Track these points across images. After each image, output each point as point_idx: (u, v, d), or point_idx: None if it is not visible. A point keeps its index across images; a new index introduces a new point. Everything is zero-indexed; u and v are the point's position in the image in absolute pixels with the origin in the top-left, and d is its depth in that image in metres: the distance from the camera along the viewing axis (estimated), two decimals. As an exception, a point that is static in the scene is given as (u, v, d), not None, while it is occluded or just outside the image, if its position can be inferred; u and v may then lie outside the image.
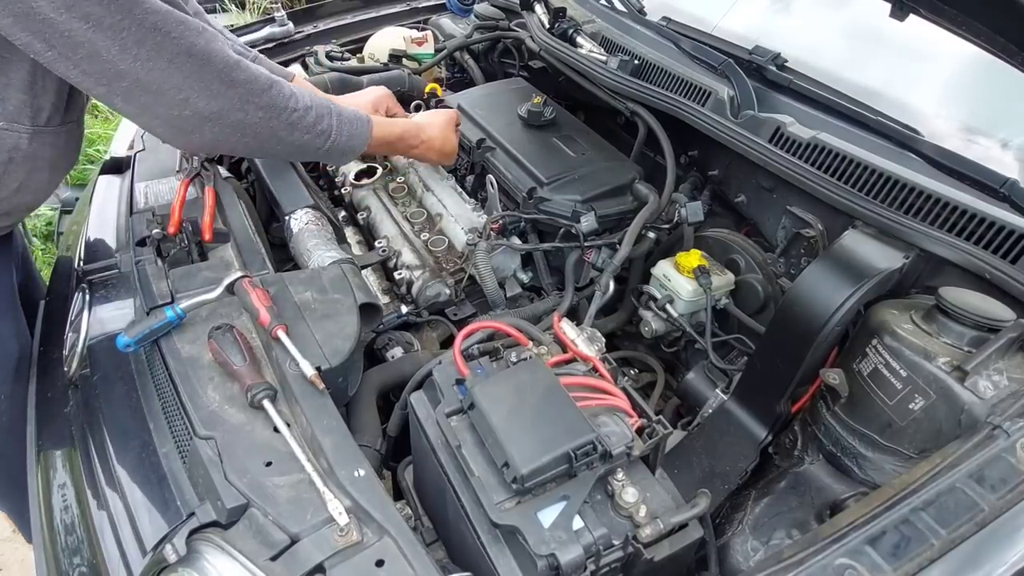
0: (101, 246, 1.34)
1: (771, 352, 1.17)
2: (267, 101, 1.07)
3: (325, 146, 1.20)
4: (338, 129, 1.20)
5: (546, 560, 0.74)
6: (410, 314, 1.37)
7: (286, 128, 1.12)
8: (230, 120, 1.04)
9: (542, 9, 1.84)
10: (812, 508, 1.07)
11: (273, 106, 1.08)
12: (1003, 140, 1.28)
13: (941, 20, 1.02)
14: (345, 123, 1.22)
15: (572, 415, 0.81)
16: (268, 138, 1.11)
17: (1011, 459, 0.81)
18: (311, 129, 1.16)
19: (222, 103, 1.02)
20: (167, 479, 0.91)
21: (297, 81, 1.51)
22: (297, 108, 1.12)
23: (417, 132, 1.43)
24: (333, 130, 1.19)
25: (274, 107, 1.08)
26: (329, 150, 1.21)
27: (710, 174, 1.53)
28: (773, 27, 1.66)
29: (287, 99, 1.11)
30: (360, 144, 1.27)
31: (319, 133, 1.17)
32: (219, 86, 1.01)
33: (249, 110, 1.05)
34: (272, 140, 1.12)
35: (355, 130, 1.24)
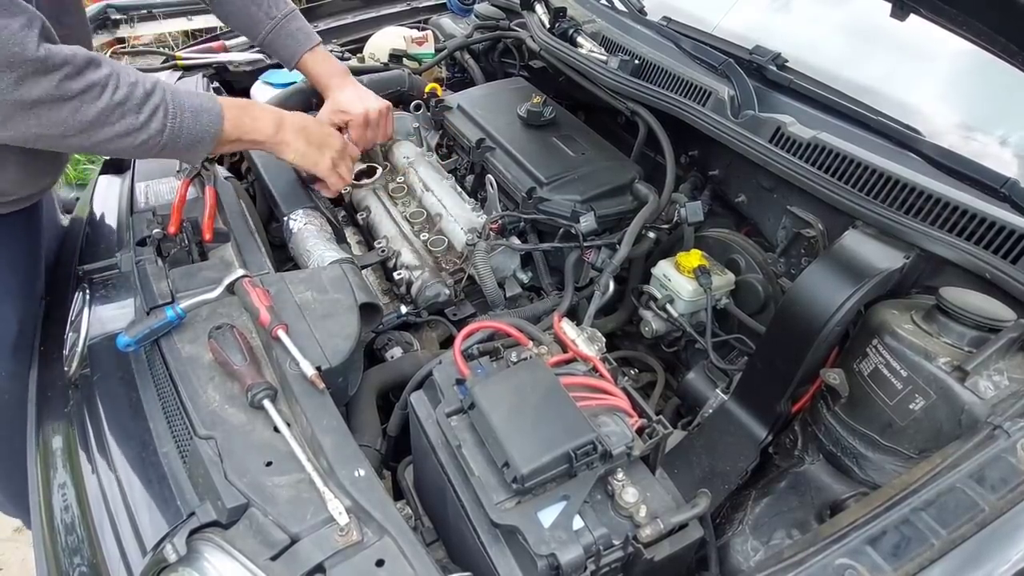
0: (101, 246, 1.34)
1: (771, 352, 1.17)
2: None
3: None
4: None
5: (546, 560, 0.74)
6: (410, 314, 1.37)
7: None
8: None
9: (542, 9, 1.84)
10: (812, 508, 1.07)
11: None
12: (1003, 139, 1.28)
13: (941, 20, 1.02)
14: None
15: (572, 415, 0.81)
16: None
17: (1011, 459, 0.81)
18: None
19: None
20: (167, 479, 0.91)
21: (318, 54, 1.50)
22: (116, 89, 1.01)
23: (276, 126, 1.26)
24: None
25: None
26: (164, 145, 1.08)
27: (710, 174, 1.53)
28: (773, 27, 1.67)
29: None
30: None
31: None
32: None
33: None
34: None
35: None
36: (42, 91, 0.94)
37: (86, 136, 1.01)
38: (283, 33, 1.46)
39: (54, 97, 0.95)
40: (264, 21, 1.44)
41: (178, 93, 1.10)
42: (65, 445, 1.07)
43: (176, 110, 1.08)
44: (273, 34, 1.46)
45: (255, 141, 1.25)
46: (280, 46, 1.48)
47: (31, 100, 0.93)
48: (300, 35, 1.49)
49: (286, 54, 1.50)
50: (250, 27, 1.47)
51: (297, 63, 1.50)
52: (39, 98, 0.94)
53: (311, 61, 1.50)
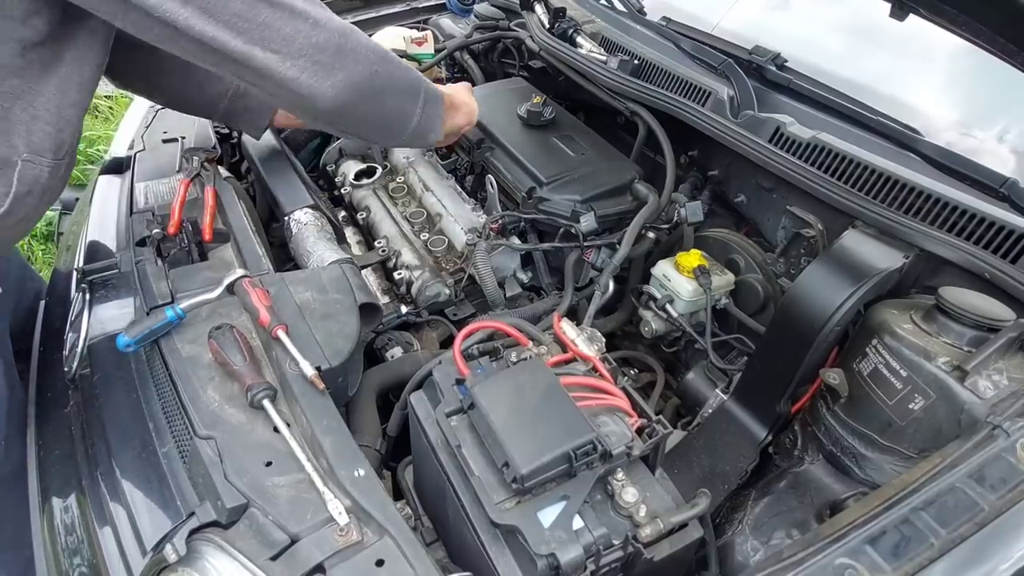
0: (101, 246, 1.34)
1: (771, 352, 1.17)
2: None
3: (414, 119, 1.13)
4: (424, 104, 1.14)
5: (546, 560, 0.74)
6: (410, 314, 1.37)
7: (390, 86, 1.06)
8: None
9: (542, 9, 1.83)
10: (812, 508, 1.07)
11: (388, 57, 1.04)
12: (1002, 138, 1.28)
13: (941, 20, 1.02)
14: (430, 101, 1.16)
15: (572, 415, 0.81)
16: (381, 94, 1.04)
17: (1011, 459, 0.81)
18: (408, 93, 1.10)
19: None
20: (167, 479, 0.91)
21: None
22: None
23: (450, 100, 1.32)
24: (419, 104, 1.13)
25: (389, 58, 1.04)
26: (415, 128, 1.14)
27: (710, 174, 1.53)
28: (773, 26, 1.66)
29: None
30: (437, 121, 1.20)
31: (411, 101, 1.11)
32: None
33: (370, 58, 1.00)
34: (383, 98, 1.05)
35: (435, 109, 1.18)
36: (356, 40, 0.98)
37: (382, 92, 1.04)
38: (248, 95, 1.34)
39: (364, 45, 0.99)
40: (221, 92, 1.32)
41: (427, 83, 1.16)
42: (65, 446, 1.07)
43: (427, 92, 1.14)
44: (235, 98, 1.34)
45: (453, 130, 1.39)
46: (248, 104, 1.35)
47: (352, 46, 0.97)
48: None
49: (258, 112, 1.38)
50: (207, 104, 1.35)
51: (272, 118, 1.40)
52: (357, 44, 0.97)
53: None
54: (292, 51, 0.91)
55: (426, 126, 1.16)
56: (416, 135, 1.16)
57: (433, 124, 1.19)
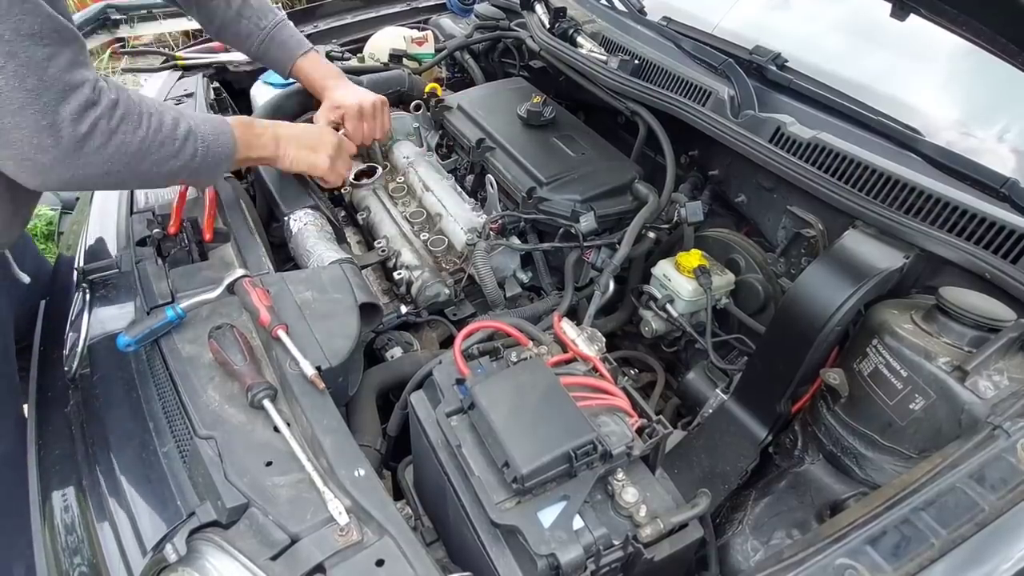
0: (101, 246, 1.34)
1: (771, 352, 1.17)
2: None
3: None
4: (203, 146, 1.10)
5: (546, 560, 0.74)
6: (410, 314, 1.37)
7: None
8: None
9: (542, 9, 1.84)
10: (812, 508, 1.07)
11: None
12: (1003, 138, 1.28)
13: (941, 20, 1.02)
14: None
15: (572, 415, 0.81)
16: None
17: (1011, 459, 0.81)
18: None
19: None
20: (167, 479, 0.91)
21: (311, 58, 1.52)
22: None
23: (274, 143, 1.29)
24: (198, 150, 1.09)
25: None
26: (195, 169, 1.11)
27: (710, 174, 1.53)
28: (773, 26, 1.66)
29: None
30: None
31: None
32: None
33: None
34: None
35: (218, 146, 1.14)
36: (90, 124, 0.93)
37: (129, 169, 1.00)
38: (275, 42, 1.48)
39: (102, 130, 0.95)
40: (255, 32, 1.46)
41: (195, 117, 1.11)
42: (65, 446, 1.07)
43: (201, 135, 1.10)
44: (265, 44, 1.47)
45: (261, 158, 1.29)
46: (273, 55, 1.50)
47: (82, 135, 0.92)
48: (292, 42, 1.50)
49: (279, 62, 1.51)
50: (241, 40, 1.48)
51: (291, 69, 1.51)
52: (88, 132, 0.93)
53: (305, 66, 1.51)
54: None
55: (203, 172, 1.13)
56: (190, 177, 1.14)
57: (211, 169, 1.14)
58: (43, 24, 0.87)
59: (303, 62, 1.51)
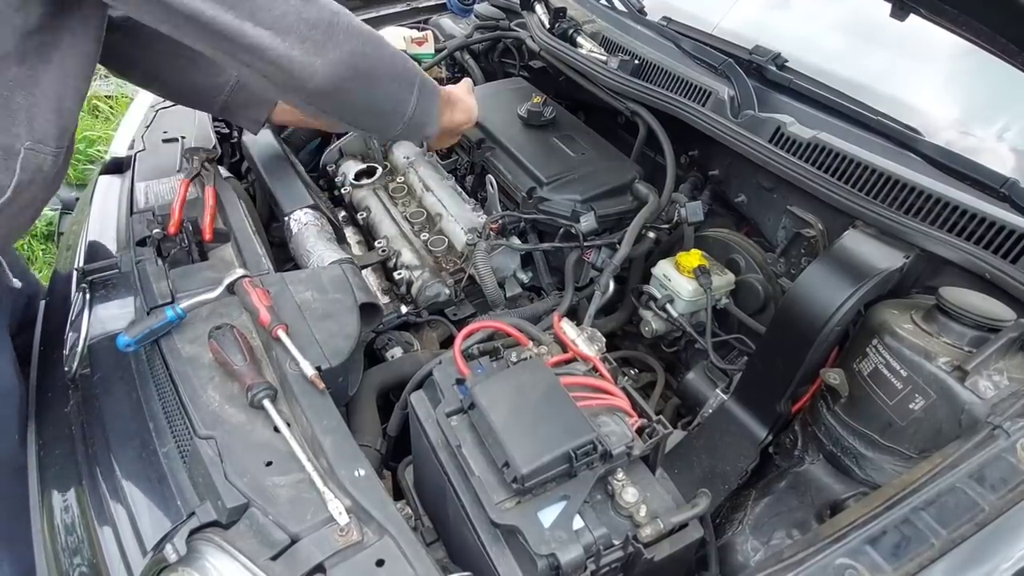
0: (101, 246, 1.34)
1: (771, 352, 1.17)
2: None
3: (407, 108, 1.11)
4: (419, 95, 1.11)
5: (546, 560, 0.74)
6: (410, 314, 1.37)
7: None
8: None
9: (542, 9, 1.83)
10: (812, 508, 1.07)
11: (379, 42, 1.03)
12: (1003, 138, 1.28)
13: (941, 20, 1.02)
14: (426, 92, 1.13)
15: (572, 415, 0.81)
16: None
17: (1011, 459, 0.81)
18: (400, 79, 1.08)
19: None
20: (167, 479, 0.91)
21: None
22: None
23: (448, 95, 1.31)
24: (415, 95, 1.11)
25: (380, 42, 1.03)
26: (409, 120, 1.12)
27: (710, 174, 1.53)
28: (773, 26, 1.66)
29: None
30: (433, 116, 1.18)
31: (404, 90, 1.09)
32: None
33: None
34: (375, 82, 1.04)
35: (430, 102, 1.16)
36: (348, 20, 0.97)
37: (374, 73, 1.02)
38: (244, 91, 1.34)
39: (355, 25, 0.98)
40: (221, 85, 1.31)
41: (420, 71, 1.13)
42: (65, 446, 1.07)
43: (423, 81, 1.12)
44: (235, 87, 1.32)
45: (453, 127, 1.35)
46: (243, 101, 1.35)
47: (337, 12, 0.96)
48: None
49: (252, 111, 1.37)
50: (209, 90, 1.32)
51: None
52: (349, 24, 0.97)
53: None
54: (283, 27, 0.90)
55: (422, 117, 1.14)
56: (412, 126, 1.14)
57: (430, 115, 1.17)
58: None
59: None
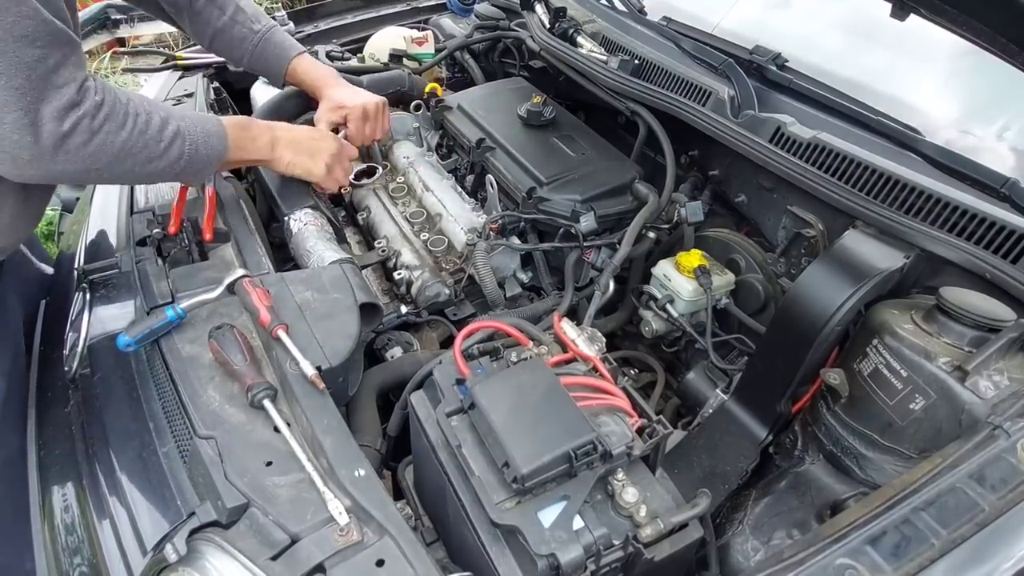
0: (102, 246, 1.34)
1: (771, 352, 1.17)
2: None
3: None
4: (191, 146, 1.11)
5: (546, 560, 0.74)
6: (410, 314, 1.37)
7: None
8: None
9: (542, 9, 1.84)
10: (812, 508, 1.07)
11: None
12: (1003, 137, 1.28)
13: (942, 20, 1.02)
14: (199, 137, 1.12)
15: (572, 415, 0.81)
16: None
17: (1011, 459, 0.81)
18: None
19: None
20: (167, 479, 0.91)
21: (307, 59, 1.52)
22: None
23: (269, 145, 1.29)
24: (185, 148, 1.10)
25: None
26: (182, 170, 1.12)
27: (710, 174, 1.53)
28: (773, 26, 1.66)
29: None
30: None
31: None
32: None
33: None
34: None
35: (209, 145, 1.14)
36: (72, 124, 0.95)
37: (110, 168, 1.02)
38: (270, 44, 1.46)
39: (84, 130, 0.97)
40: (248, 36, 1.44)
41: (187, 118, 1.12)
42: (65, 446, 1.07)
43: (190, 135, 1.11)
44: (259, 48, 1.45)
45: (255, 160, 1.30)
46: (268, 57, 1.47)
47: (62, 134, 0.95)
48: (287, 43, 1.50)
49: (274, 64, 1.49)
50: (235, 47, 1.45)
51: (287, 71, 1.50)
52: (68, 131, 0.95)
53: (301, 67, 1.50)
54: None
55: (190, 174, 1.15)
56: (182, 177, 1.16)
57: (199, 172, 1.15)
58: (37, 28, 0.89)
59: (299, 63, 1.50)
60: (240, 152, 1.22)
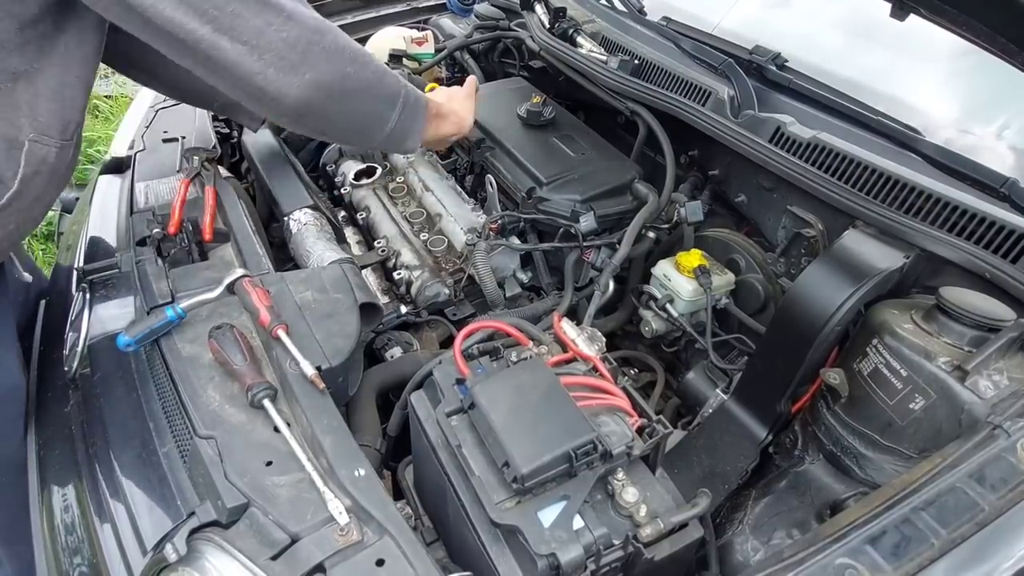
0: (101, 246, 1.34)
1: (771, 352, 1.17)
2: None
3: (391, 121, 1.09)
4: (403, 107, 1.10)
5: (546, 560, 0.74)
6: (410, 314, 1.37)
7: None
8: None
9: (542, 9, 1.83)
10: (812, 508, 1.07)
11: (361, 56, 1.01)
12: (1002, 135, 1.28)
13: (941, 20, 1.02)
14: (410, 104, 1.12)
15: (572, 415, 0.81)
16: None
17: (1011, 459, 0.81)
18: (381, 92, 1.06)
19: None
20: (167, 479, 0.91)
21: None
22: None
23: (437, 108, 1.28)
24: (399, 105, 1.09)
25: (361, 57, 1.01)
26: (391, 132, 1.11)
27: (710, 174, 1.53)
28: (773, 26, 1.66)
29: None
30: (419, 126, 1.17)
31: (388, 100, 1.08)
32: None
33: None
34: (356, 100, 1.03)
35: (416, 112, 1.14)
36: (332, 39, 0.95)
37: (353, 94, 1.00)
38: None
39: (340, 45, 0.97)
40: None
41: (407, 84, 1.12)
42: (65, 446, 1.07)
43: (407, 98, 1.10)
44: None
45: (439, 141, 1.32)
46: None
47: (321, 26, 0.94)
48: None
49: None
50: (205, 93, 1.34)
51: None
52: (324, 26, 0.95)
53: None
54: (261, 44, 0.89)
55: (401, 134, 1.13)
56: (390, 141, 1.13)
57: (409, 132, 1.15)
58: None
59: None
60: (433, 132, 1.24)
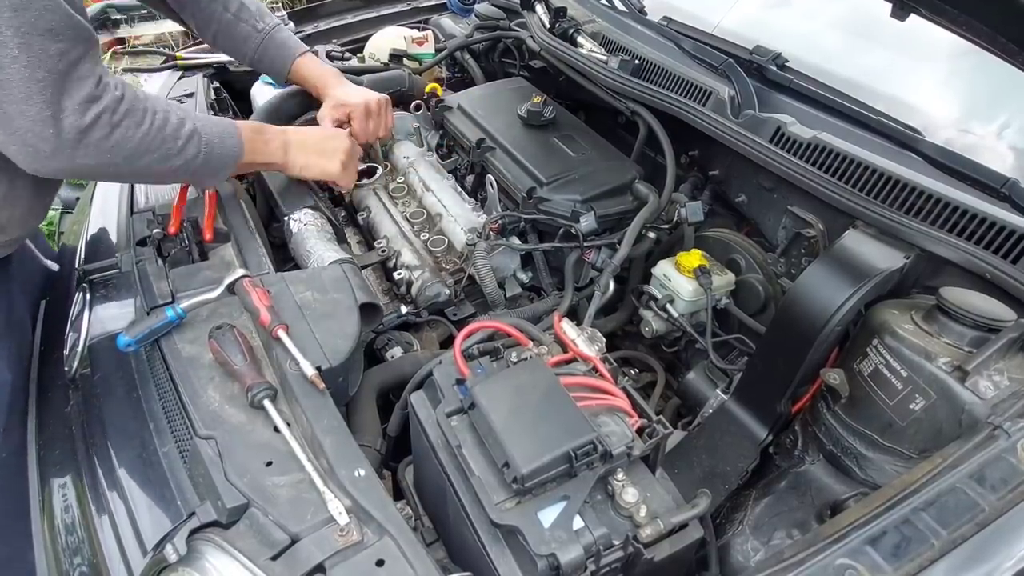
0: (102, 246, 1.34)
1: (771, 352, 1.17)
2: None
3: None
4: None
5: (546, 560, 0.74)
6: (410, 314, 1.37)
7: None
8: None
9: (543, 9, 1.83)
10: (812, 508, 1.07)
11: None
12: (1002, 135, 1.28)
13: (942, 20, 1.02)
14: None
15: (572, 415, 0.81)
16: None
17: (1011, 459, 0.81)
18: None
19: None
20: (167, 479, 0.91)
21: (310, 58, 1.52)
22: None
23: (282, 149, 1.30)
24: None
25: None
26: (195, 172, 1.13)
27: (711, 174, 1.53)
28: (773, 26, 1.66)
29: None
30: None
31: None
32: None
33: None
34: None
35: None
36: (93, 117, 0.96)
37: (128, 163, 1.03)
38: (274, 42, 1.47)
39: (104, 124, 0.98)
40: (252, 35, 1.44)
41: (202, 119, 1.14)
42: (65, 446, 1.07)
43: (207, 136, 1.12)
44: (263, 46, 1.46)
45: (268, 163, 1.30)
46: (271, 56, 1.48)
47: (84, 127, 0.95)
48: (291, 42, 1.50)
49: (277, 63, 1.50)
50: (239, 44, 1.46)
51: (290, 69, 1.50)
52: (89, 125, 0.96)
53: (304, 66, 1.50)
54: (12, 129, 0.92)
55: (203, 176, 1.17)
56: (195, 179, 1.18)
57: (215, 172, 1.17)
58: (60, 21, 0.91)
59: (302, 62, 1.50)
60: (253, 155, 1.23)
